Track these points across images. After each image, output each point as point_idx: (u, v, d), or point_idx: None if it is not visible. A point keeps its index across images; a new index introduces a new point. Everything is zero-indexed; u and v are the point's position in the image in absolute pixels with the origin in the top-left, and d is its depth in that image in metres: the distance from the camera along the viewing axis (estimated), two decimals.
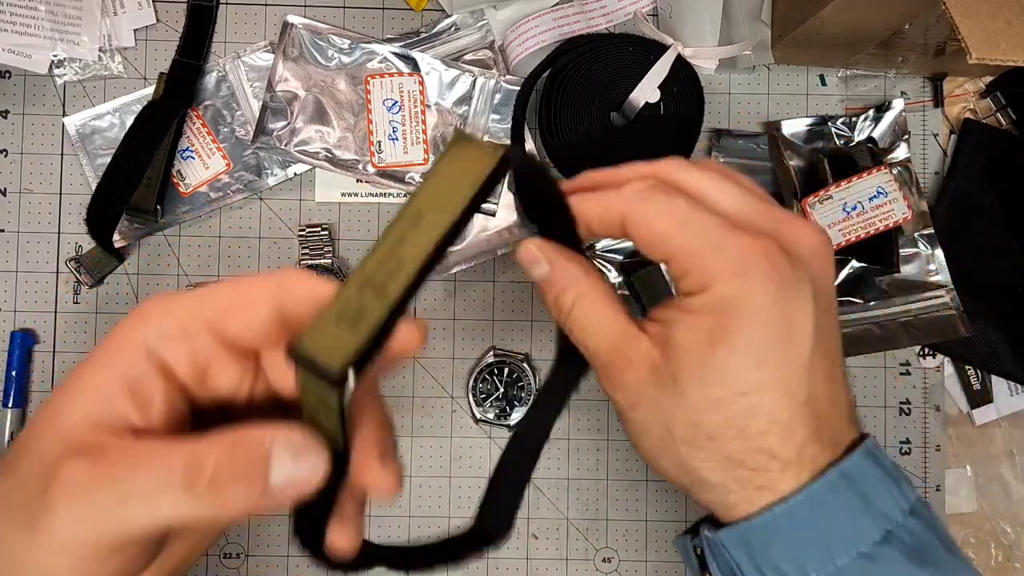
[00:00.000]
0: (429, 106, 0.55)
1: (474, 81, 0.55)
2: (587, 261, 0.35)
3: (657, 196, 0.33)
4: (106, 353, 0.27)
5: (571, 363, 0.36)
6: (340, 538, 0.28)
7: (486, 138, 0.56)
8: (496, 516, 0.34)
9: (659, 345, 0.32)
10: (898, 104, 0.56)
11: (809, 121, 0.57)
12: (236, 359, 0.28)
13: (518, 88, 0.54)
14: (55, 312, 0.56)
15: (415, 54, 0.55)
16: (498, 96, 0.55)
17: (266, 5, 0.57)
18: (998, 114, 0.58)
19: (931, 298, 0.56)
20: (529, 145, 0.56)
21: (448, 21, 0.56)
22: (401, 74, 0.55)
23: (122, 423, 0.26)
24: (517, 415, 0.55)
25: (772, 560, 0.31)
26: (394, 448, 0.29)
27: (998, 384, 0.57)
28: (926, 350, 0.57)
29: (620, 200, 0.33)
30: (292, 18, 0.55)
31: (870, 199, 0.54)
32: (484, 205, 0.56)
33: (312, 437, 0.26)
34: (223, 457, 0.25)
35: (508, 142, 0.55)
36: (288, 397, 0.29)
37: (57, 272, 0.56)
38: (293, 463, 0.25)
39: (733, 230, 0.31)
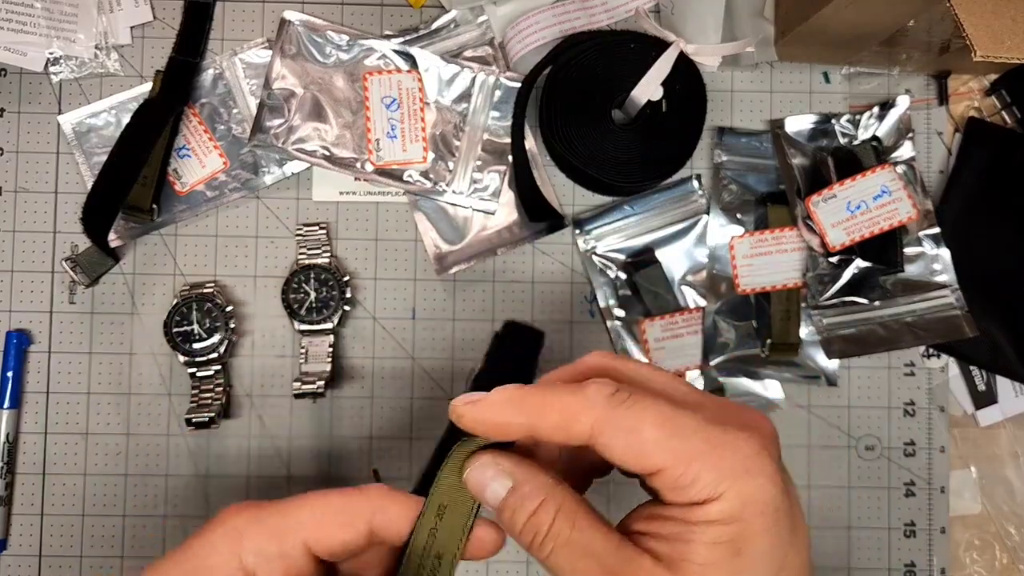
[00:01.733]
0: (428, 103, 0.55)
1: (473, 78, 0.55)
2: (549, 468, 0.31)
3: (635, 398, 0.29)
4: (199, 571, 0.29)
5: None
6: None
7: (486, 136, 0.55)
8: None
9: (668, 565, 0.28)
10: (902, 102, 0.56)
11: (813, 119, 0.56)
12: (321, 566, 0.30)
13: (518, 85, 0.54)
14: (50, 312, 0.55)
15: (414, 51, 0.55)
16: (498, 93, 0.55)
17: (263, 2, 0.57)
18: (1003, 112, 0.57)
19: (936, 298, 0.55)
20: (529, 143, 0.55)
21: (447, 17, 0.56)
22: (400, 71, 0.55)
23: None
24: None
25: None
26: None
27: (1003, 385, 0.57)
28: (930, 350, 0.57)
29: (588, 406, 0.29)
30: (290, 15, 0.54)
31: (874, 198, 0.53)
32: (484, 204, 0.55)
33: None
34: None
35: (508, 141, 0.54)
36: None
37: (53, 272, 0.55)
38: None
39: (721, 427, 0.29)
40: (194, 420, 0.52)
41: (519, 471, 0.30)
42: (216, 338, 0.54)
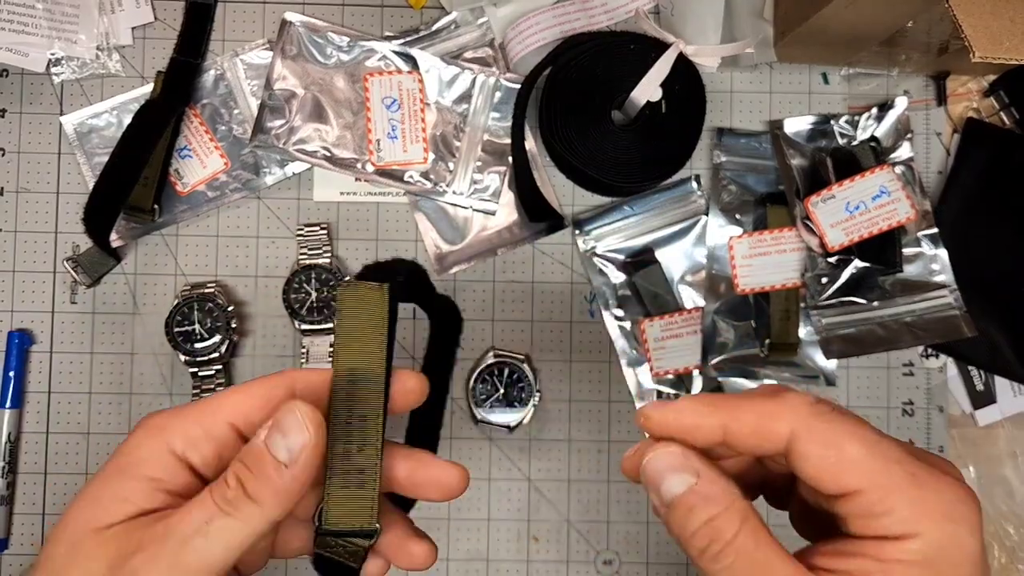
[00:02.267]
0: (428, 104, 0.55)
1: (474, 79, 0.55)
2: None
3: (838, 413, 0.28)
4: (131, 465, 0.30)
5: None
6: None
7: (486, 137, 0.55)
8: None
9: None
10: (901, 103, 0.56)
11: (812, 120, 0.56)
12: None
13: (518, 86, 0.54)
14: (52, 312, 0.55)
15: (415, 52, 0.55)
16: (498, 94, 0.55)
17: (264, 3, 0.57)
18: (1001, 113, 0.58)
19: (934, 298, 0.55)
20: (529, 143, 0.56)
21: (448, 19, 0.56)
22: (400, 72, 0.55)
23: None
24: (517, 416, 0.54)
25: None
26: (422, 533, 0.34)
27: (1001, 385, 0.57)
28: (929, 351, 0.57)
29: (789, 411, 0.27)
30: (290, 16, 0.55)
31: (873, 198, 0.53)
32: (484, 205, 0.55)
33: (296, 411, 0.29)
34: (237, 468, 0.29)
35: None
36: None
37: (54, 272, 0.55)
38: (284, 439, 0.28)
39: (928, 466, 0.27)
40: None
41: (707, 470, 0.28)
42: (217, 338, 0.54)
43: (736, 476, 0.30)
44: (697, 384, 0.56)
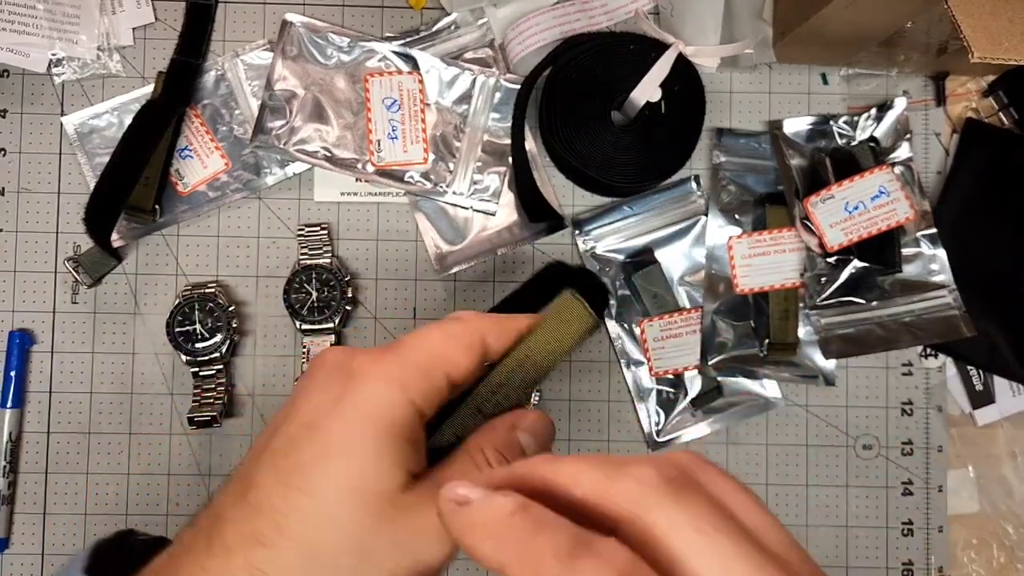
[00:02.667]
0: (428, 105, 0.55)
1: (474, 80, 0.55)
2: None
3: (690, 497, 0.22)
4: (377, 416, 0.29)
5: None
6: None
7: (486, 137, 0.55)
8: None
9: None
10: (900, 103, 0.56)
11: (811, 120, 0.56)
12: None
13: (518, 86, 0.54)
14: (53, 312, 0.56)
15: (415, 52, 0.55)
16: (498, 95, 0.55)
17: (265, 3, 0.57)
18: (1000, 113, 0.58)
19: (933, 298, 0.55)
20: (529, 144, 0.56)
21: (448, 19, 0.56)
22: (400, 72, 0.55)
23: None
24: None
25: None
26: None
27: (1000, 384, 0.57)
28: (928, 350, 0.57)
29: (627, 492, 0.22)
30: (291, 16, 0.55)
31: (872, 198, 0.53)
32: (484, 205, 0.55)
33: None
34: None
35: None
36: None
37: (55, 272, 0.56)
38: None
39: None
40: (196, 419, 0.53)
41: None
42: (218, 338, 0.54)
43: None
44: (696, 384, 0.56)
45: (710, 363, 0.56)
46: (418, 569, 0.28)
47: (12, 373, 0.54)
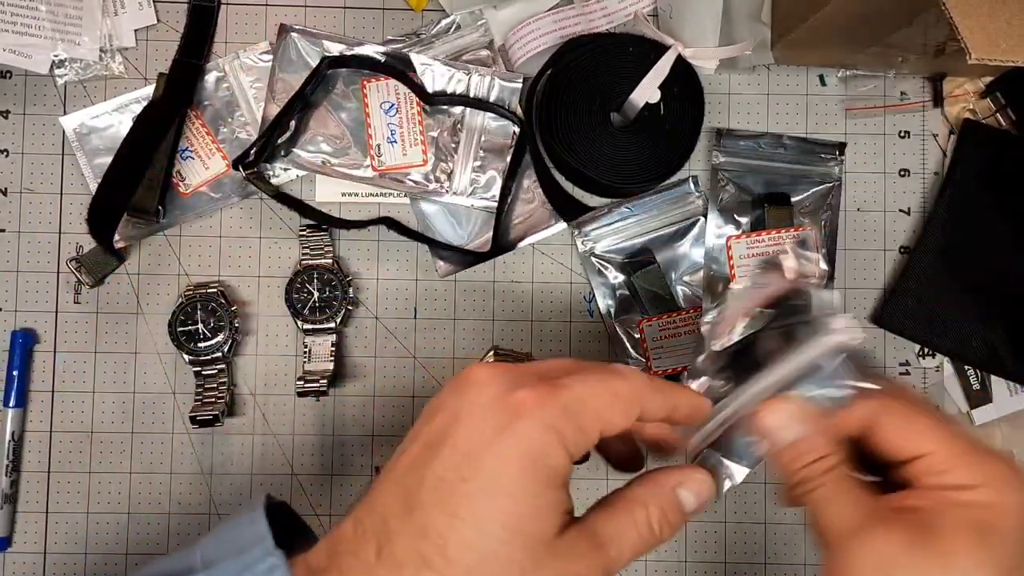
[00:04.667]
0: (425, 107, 0.55)
1: (469, 80, 0.55)
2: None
3: (905, 404, 0.34)
4: (551, 472, 0.30)
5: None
6: None
7: (483, 137, 0.56)
8: None
9: (917, 526, 0.31)
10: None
11: None
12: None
13: (513, 85, 0.54)
14: (56, 312, 0.56)
15: (411, 54, 0.55)
16: (493, 94, 0.55)
17: (266, 6, 0.57)
18: (998, 114, 0.58)
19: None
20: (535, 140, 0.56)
21: (448, 21, 0.56)
22: (395, 76, 0.55)
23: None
24: None
25: None
26: None
27: (998, 384, 0.57)
28: (926, 350, 0.57)
29: (864, 403, 0.34)
30: (287, 25, 0.55)
31: None
32: (484, 204, 0.56)
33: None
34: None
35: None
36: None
37: (58, 272, 0.56)
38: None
39: (984, 443, 0.33)
40: (198, 418, 0.53)
41: (811, 421, 0.34)
42: (220, 337, 0.54)
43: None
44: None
45: None
46: None
47: (15, 373, 0.55)
